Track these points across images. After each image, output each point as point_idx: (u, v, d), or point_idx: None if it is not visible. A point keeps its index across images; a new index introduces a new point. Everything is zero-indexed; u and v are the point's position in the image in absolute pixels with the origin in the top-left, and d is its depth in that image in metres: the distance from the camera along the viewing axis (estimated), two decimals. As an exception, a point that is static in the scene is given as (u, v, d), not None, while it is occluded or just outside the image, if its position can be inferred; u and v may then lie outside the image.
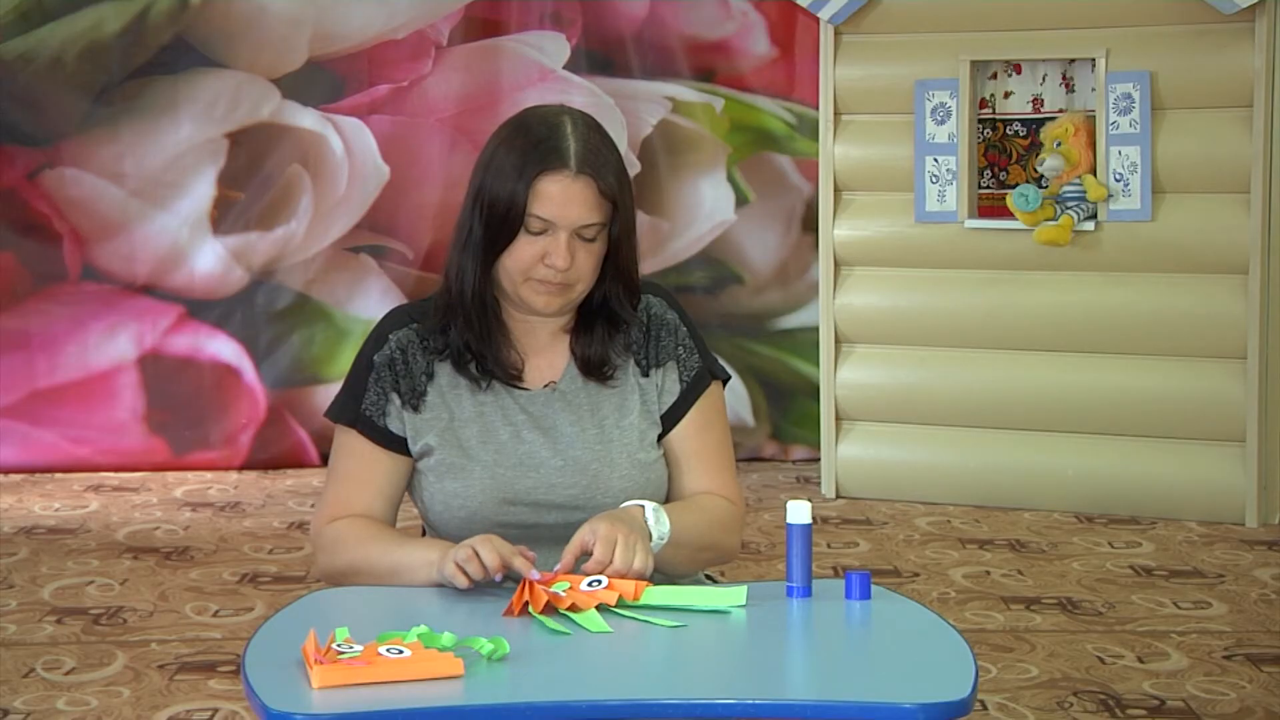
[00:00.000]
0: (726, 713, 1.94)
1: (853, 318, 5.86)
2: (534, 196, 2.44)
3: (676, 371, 2.57)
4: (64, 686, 3.92)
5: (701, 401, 2.57)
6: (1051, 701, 3.78)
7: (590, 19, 6.44)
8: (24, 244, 6.31)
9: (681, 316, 2.60)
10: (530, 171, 2.44)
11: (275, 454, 6.43)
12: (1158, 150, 5.40)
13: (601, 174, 2.45)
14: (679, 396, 2.56)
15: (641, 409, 2.54)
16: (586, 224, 2.45)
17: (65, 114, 6.28)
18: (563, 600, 2.20)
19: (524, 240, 2.46)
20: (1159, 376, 5.49)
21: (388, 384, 2.53)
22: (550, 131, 2.47)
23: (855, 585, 2.29)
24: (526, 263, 2.46)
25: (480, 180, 2.49)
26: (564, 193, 2.44)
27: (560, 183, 2.44)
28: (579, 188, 2.44)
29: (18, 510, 5.76)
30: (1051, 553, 5.11)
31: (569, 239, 2.44)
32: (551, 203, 2.43)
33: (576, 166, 2.44)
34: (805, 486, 6.07)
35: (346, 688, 1.95)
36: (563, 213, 2.44)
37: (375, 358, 2.55)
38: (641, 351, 2.56)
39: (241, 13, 6.31)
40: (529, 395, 2.52)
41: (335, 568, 2.49)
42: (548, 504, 2.48)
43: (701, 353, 2.60)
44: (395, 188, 6.38)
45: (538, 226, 2.45)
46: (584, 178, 2.44)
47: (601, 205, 2.45)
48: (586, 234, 2.46)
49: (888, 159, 5.77)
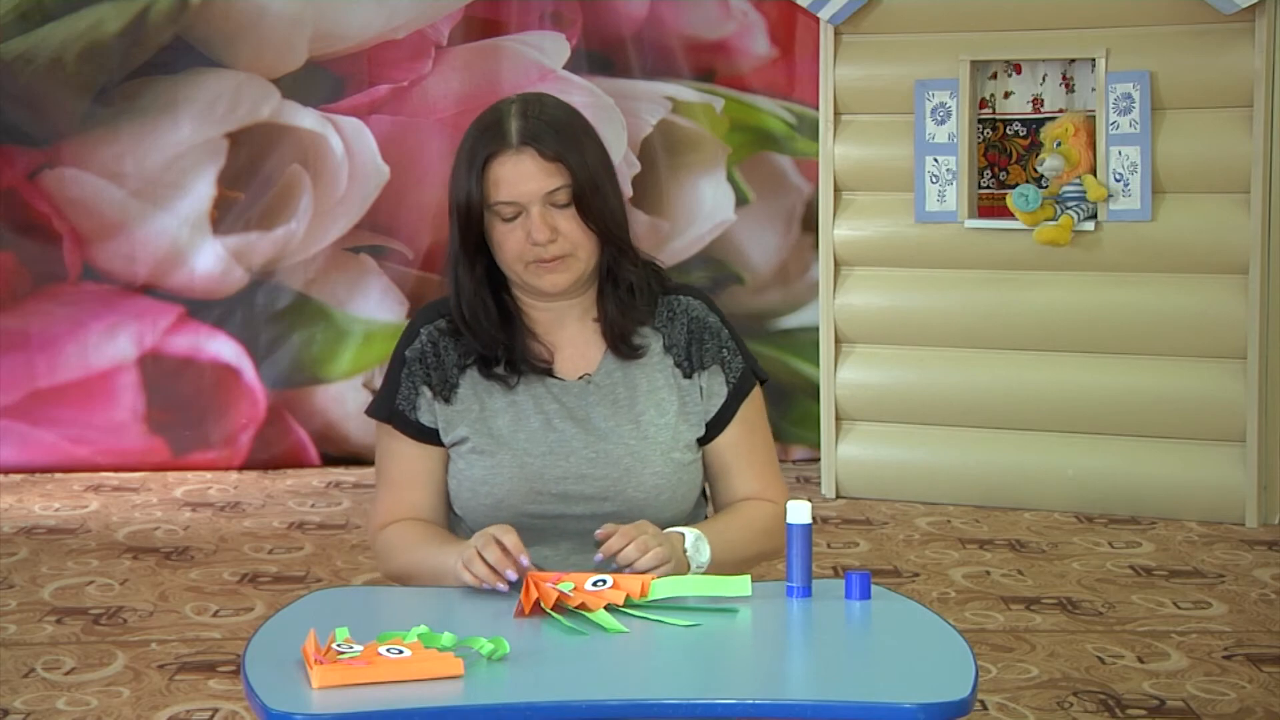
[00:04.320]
0: (726, 713, 1.94)
1: (853, 318, 5.86)
2: (490, 185, 2.46)
3: (722, 374, 2.57)
4: (64, 686, 3.92)
5: (747, 404, 2.60)
6: (1051, 701, 3.78)
7: (590, 19, 6.44)
8: (24, 244, 6.31)
9: (721, 319, 2.61)
10: (479, 160, 2.47)
11: (275, 454, 6.43)
12: (1158, 150, 5.40)
13: (542, 140, 2.46)
14: (726, 400, 2.57)
15: (680, 410, 2.53)
16: (549, 191, 2.45)
17: (65, 114, 6.28)
18: (571, 599, 2.20)
19: (503, 230, 2.47)
20: (1159, 376, 5.49)
21: (419, 378, 2.53)
22: (494, 116, 2.51)
23: (855, 585, 2.29)
24: (517, 249, 2.46)
25: (450, 187, 2.53)
26: (514, 171, 2.45)
27: (507, 163, 2.46)
28: (525, 160, 2.45)
29: (18, 510, 5.76)
30: (1051, 553, 5.11)
31: (541, 211, 2.45)
32: (506, 184, 2.45)
33: (517, 141, 2.46)
34: (805, 486, 6.07)
35: (346, 688, 1.95)
36: (520, 190, 2.45)
37: (407, 353, 2.56)
38: (683, 354, 2.55)
39: (241, 13, 6.31)
40: (563, 386, 2.52)
41: (392, 575, 2.54)
42: (576, 495, 2.47)
43: (745, 355, 2.61)
44: (395, 188, 6.38)
45: (508, 212, 2.46)
46: (526, 149, 2.46)
47: (556, 170, 2.46)
48: (558, 200, 2.46)
49: (888, 159, 5.77)
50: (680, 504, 2.52)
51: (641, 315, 2.55)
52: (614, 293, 2.54)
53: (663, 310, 2.57)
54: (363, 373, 6.47)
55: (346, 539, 5.36)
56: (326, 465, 6.44)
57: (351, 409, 6.43)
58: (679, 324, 2.56)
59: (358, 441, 6.40)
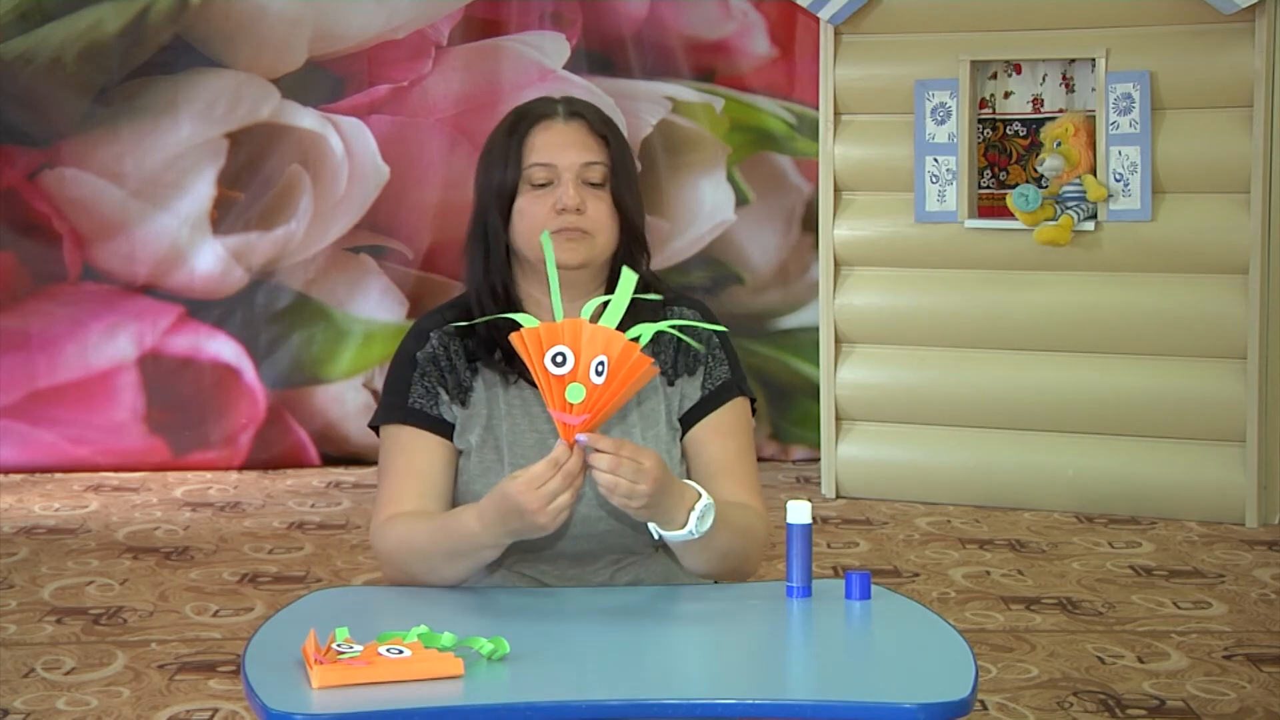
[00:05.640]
0: (726, 713, 1.94)
1: (853, 318, 5.86)
2: (529, 149, 2.46)
3: (700, 378, 2.52)
4: (64, 686, 3.92)
5: (726, 411, 2.52)
6: (1051, 701, 3.78)
7: (590, 19, 6.44)
8: (24, 244, 6.31)
9: (715, 330, 2.55)
10: (522, 128, 2.48)
11: (275, 454, 6.43)
12: (1158, 150, 5.40)
13: (592, 117, 2.48)
14: (699, 400, 2.51)
15: (666, 420, 2.50)
16: (588, 162, 2.46)
17: (65, 114, 6.28)
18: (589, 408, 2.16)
19: (530, 198, 2.46)
20: (1159, 376, 5.49)
21: (434, 379, 2.49)
22: (538, 100, 2.54)
23: (855, 585, 2.29)
24: (540, 218, 2.45)
25: (478, 171, 2.52)
26: (559, 136, 2.46)
27: (553, 128, 2.47)
28: (572, 129, 2.47)
29: (18, 510, 5.76)
30: (1051, 553, 5.11)
31: (575, 182, 2.45)
32: (547, 148, 2.46)
33: (565, 114, 2.48)
34: (805, 486, 6.07)
35: (346, 688, 1.95)
36: (561, 154, 2.45)
37: (418, 355, 2.51)
38: (670, 361, 2.52)
39: (241, 13, 6.31)
40: None
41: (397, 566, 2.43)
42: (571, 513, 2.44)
43: (731, 365, 2.55)
44: (395, 188, 6.38)
45: (540, 175, 2.46)
46: (575, 120, 2.48)
47: (599, 146, 2.47)
48: (592, 177, 2.46)
49: (888, 159, 5.77)
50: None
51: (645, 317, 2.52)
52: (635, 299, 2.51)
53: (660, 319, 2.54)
54: (363, 373, 6.47)
55: (346, 539, 5.36)
56: (326, 465, 6.44)
57: (351, 409, 6.43)
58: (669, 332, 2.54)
59: (358, 441, 6.41)
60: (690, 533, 2.28)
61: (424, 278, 6.41)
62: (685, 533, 2.28)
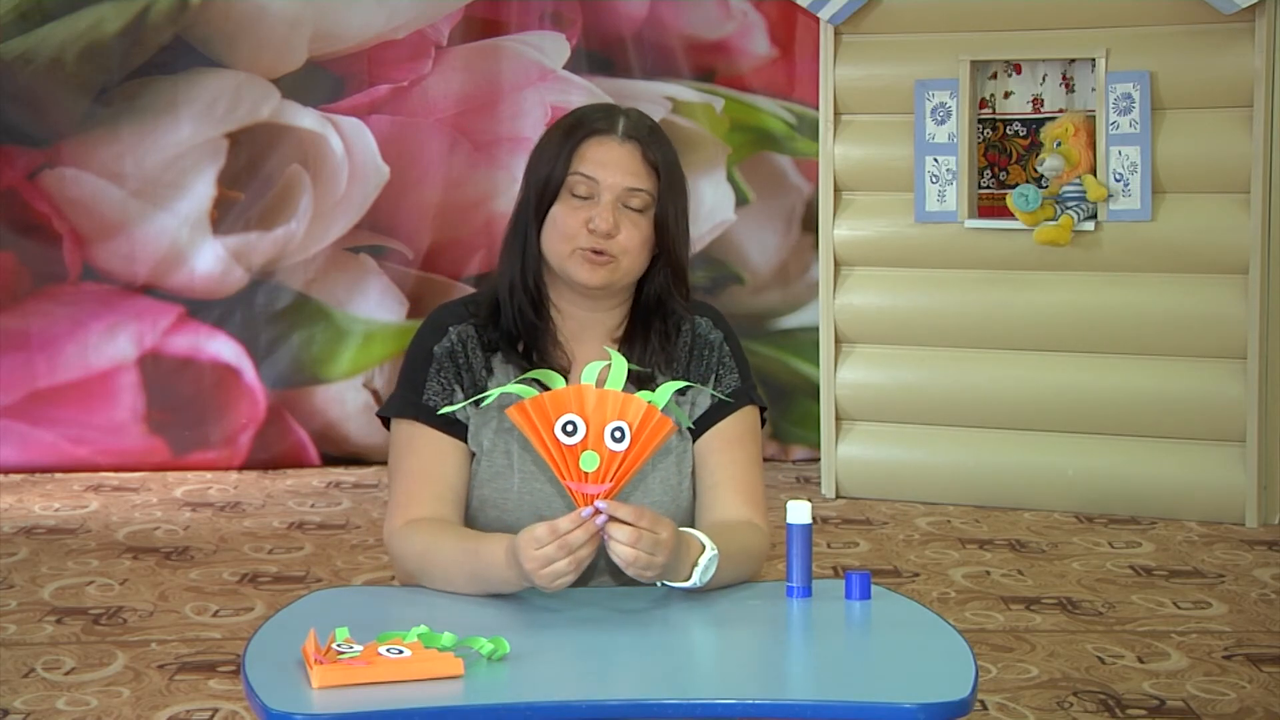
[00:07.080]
0: (726, 713, 1.94)
1: (853, 318, 5.86)
2: (578, 158, 2.44)
3: (711, 386, 2.50)
4: (64, 686, 3.92)
5: (735, 420, 2.50)
6: (1051, 701, 3.78)
7: (590, 19, 6.44)
8: (24, 244, 6.31)
9: (728, 337, 2.55)
10: (577, 135, 2.45)
11: (275, 454, 6.43)
12: (1158, 150, 5.40)
13: (649, 144, 2.45)
14: (709, 408, 2.50)
15: (678, 434, 2.48)
16: (632, 188, 2.43)
17: (65, 114, 6.28)
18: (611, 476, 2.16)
19: (568, 206, 2.44)
20: (1159, 376, 5.49)
21: (450, 375, 2.46)
22: (605, 108, 2.51)
23: (855, 585, 2.29)
24: (572, 229, 2.43)
25: (529, 161, 2.50)
26: (609, 154, 2.44)
27: (605, 145, 2.45)
28: (625, 151, 2.44)
29: (18, 510, 5.76)
30: (1051, 553, 5.11)
31: (613, 204, 2.43)
32: (595, 163, 2.43)
33: (623, 133, 2.45)
34: (805, 486, 6.07)
35: (346, 688, 1.95)
36: (607, 173, 2.43)
37: (435, 349, 2.47)
38: (682, 371, 2.50)
39: (241, 13, 6.31)
40: None
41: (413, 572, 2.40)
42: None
43: (743, 374, 2.54)
44: (395, 188, 6.38)
45: (582, 188, 2.44)
46: (631, 143, 2.45)
47: (648, 174, 2.45)
48: (633, 203, 2.44)
49: (888, 159, 5.77)
50: (683, 519, 2.49)
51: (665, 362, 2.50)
52: (655, 333, 2.49)
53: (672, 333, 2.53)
54: (363, 373, 6.47)
55: (346, 539, 5.36)
56: (326, 465, 6.44)
57: (351, 409, 6.44)
58: (683, 342, 2.52)
59: (358, 441, 6.41)
60: (694, 584, 2.28)
61: (424, 278, 6.40)
62: (689, 584, 2.28)
